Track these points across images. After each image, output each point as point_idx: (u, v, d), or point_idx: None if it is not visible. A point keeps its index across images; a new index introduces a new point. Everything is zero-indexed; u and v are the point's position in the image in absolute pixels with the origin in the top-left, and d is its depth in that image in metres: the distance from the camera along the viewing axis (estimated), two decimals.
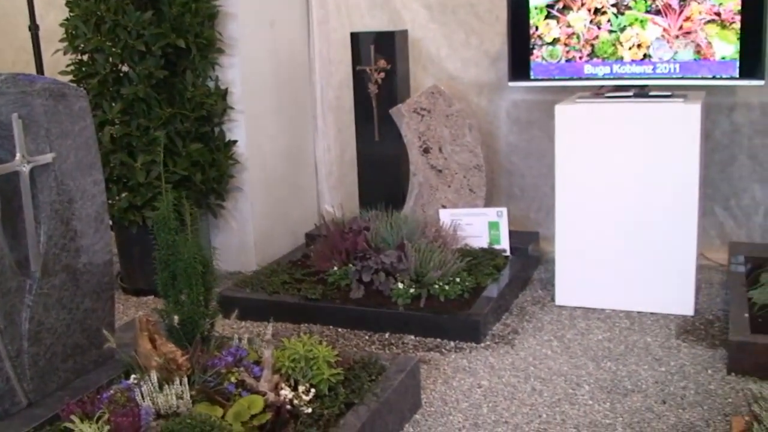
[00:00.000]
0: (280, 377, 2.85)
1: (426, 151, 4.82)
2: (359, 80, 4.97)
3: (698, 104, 3.91)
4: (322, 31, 5.26)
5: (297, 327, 4.04)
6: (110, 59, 4.34)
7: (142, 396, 2.72)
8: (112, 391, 2.79)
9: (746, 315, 3.64)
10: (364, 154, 5.08)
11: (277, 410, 2.71)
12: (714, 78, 4.04)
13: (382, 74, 4.88)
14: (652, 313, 4.07)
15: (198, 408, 2.70)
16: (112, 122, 4.38)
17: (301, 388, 2.84)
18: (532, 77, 4.34)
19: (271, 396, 2.75)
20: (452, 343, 3.81)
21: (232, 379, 2.81)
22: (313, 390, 2.85)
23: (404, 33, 4.99)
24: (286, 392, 2.79)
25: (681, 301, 4.05)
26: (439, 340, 3.85)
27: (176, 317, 3.05)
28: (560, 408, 3.20)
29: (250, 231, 4.85)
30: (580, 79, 4.25)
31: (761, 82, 3.98)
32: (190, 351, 2.96)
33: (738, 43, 3.94)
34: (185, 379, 2.77)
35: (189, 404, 2.71)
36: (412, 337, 3.89)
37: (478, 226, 4.62)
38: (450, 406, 3.24)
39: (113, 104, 4.37)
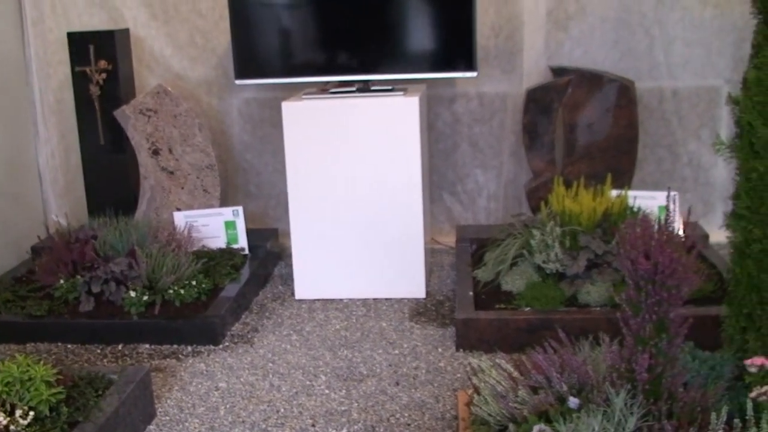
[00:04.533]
0: None
1: (155, 152, 4.67)
2: (80, 82, 4.72)
3: (416, 97, 4.08)
4: (38, 31, 4.93)
5: (23, 348, 3.78)
6: None
7: None
8: None
9: (471, 293, 3.85)
10: (90, 159, 4.84)
11: None
12: (431, 71, 4.25)
13: (104, 75, 4.67)
14: (387, 299, 4.21)
15: None
16: None
17: (18, 412, 2.65)
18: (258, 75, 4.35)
19: None
20: (190, 348, 3.72)
21: None
22: (32, 413, 2.67)
23: (125, 32, 4.79)
24: (0, 418, 2.59)
25: (413, 285, 4.23)
26: (176, 346, 3.75)
27: None
28: (297, 401, 3.22)
29: None
30: (305, 75, 4.31)
31: (474, 74, 4.22)
32: None
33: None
34: None
35: None
36: (148, 345, 3.75)
37: (215, 226, 4.55)
38: (186, 413, 3.17)
39: None
